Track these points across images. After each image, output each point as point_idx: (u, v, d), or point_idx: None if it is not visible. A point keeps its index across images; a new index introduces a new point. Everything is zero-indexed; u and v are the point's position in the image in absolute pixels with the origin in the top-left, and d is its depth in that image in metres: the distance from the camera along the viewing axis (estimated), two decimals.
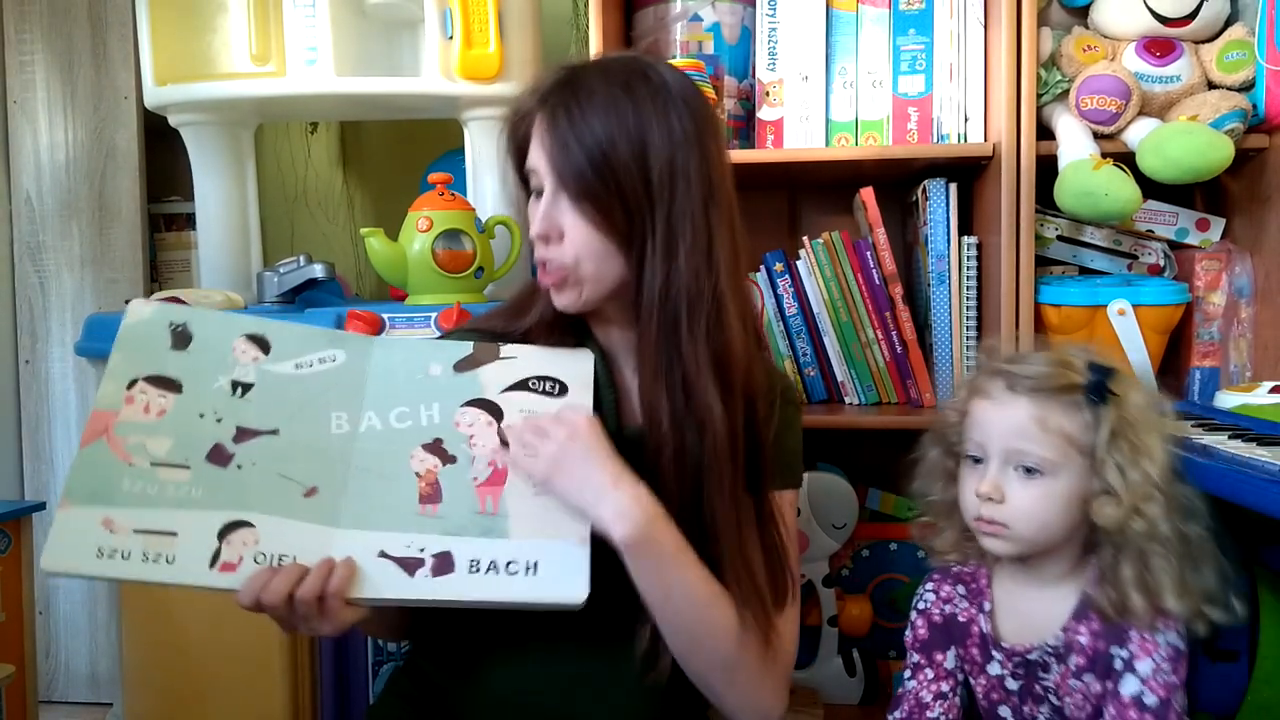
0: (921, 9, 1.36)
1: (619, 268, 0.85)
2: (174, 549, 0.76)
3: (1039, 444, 0.85)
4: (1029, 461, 0.85)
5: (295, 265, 1.44)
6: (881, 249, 1.37)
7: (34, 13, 1.83)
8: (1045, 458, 0.85)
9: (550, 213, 0.85)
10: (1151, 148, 1.23)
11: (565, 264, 0.85)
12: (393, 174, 1.95)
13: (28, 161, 1.85)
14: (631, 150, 0.81)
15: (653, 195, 0.82)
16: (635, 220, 0.83)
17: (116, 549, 0.75)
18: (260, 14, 1.42)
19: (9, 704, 1.31)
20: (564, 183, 0.83)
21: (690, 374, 0.83)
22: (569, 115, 0.82)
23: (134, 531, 0.76)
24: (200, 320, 0.88)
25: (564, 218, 0.84)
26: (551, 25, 1.67)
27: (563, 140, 0.82)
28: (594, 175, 0.81)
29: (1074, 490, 0.85)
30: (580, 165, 0.81)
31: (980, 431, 0.89)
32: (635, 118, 0.82)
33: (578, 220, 0.84)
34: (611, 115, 0.81)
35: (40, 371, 1.87)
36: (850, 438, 1.51)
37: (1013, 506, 0.86)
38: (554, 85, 0.85)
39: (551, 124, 0.83)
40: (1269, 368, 1.31)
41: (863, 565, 1.51)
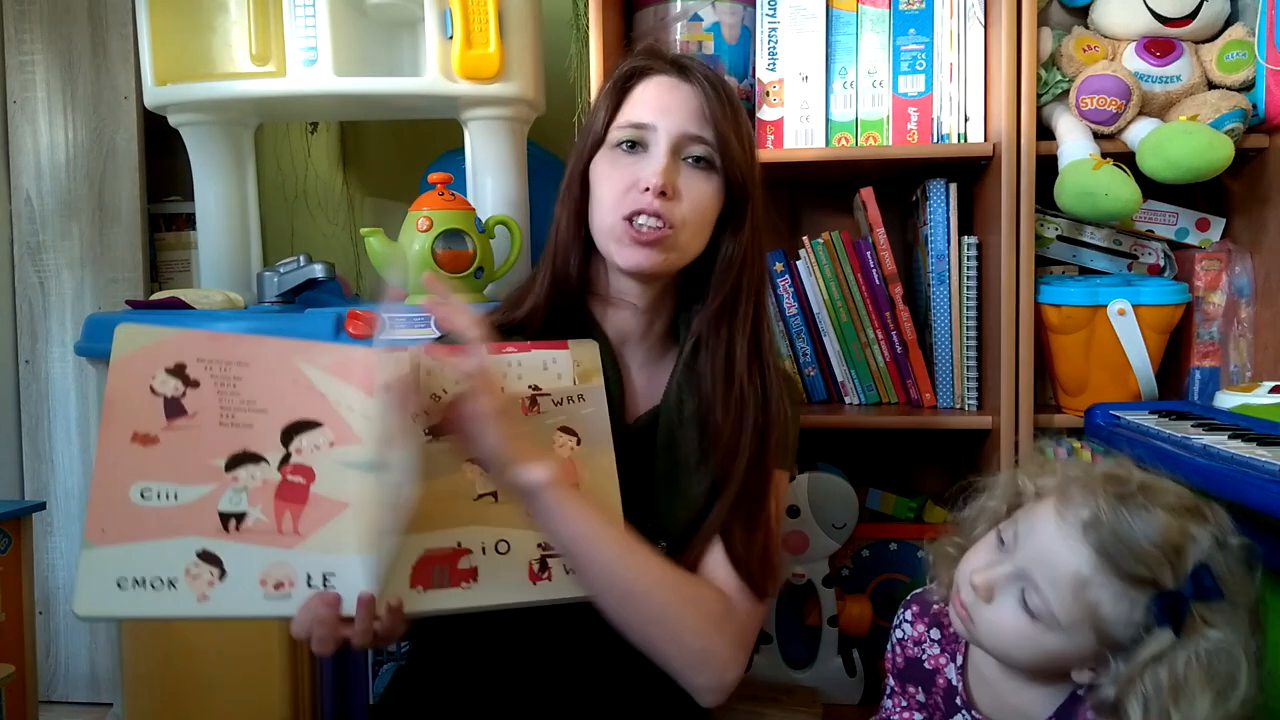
0: (921, 9, 1.36)
1: (704, 244, 0.92)
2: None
3: (1059, 600, 0.70)
4: (1034, 602, 0.72)
5: (295, 265, 1.44)
6: (881, 249, 1.37)
7: (34, 13, 1.83)
8: (1053, 614, 0.70)
9: (671, 171, 0.88)
10: (1151, 148, 1.23)
11: (674, 222, 0.88)
12: (393, 174, 1.95)
13: (28, 161, 1.85)
14: (739, 135, 0.90)
15: (745, 180, 0.91)
16: (730, 201, 0.92)
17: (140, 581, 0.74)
18: (260, 14, 1.42)
19: (9, 704, 1.31)
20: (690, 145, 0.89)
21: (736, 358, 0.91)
22: (700, 86, 0.89)
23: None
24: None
25: (683, 181, 0.89)
26: (551, 25, 1.67)
27: (695, 106, 0.89)
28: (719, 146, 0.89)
29: (1062, 654, 0.72)
30: (709, 134, 0.89)
31: (1026, 529, 0.75)
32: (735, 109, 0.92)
33: (697, 185, 0.89)
34: (726, 99, 0.90)
35: (40, 371, 1.87)
36: (850, 438, 1.51)
37: (992, 617, 0.74)
38: (670, 57, 0.93)
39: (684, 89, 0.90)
40: (1269, 368, 1.31)
41: (863, 565, 1.51)
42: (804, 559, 1.42)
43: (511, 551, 0.82)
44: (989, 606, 0.74)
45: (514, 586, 0.81)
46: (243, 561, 0.75)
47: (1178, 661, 0.67)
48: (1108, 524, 0.69)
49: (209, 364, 0.81)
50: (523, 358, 0.91)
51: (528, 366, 0.91)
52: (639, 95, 0.91)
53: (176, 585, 0.73)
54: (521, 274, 1.54)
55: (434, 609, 0.80)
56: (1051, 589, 0.70)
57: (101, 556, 0.73)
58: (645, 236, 0.87)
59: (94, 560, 0.73)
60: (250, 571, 0.75)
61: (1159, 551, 0.68)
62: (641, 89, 0.91)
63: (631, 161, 0.89)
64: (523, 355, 0.91)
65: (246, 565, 0.75)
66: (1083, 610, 0.69)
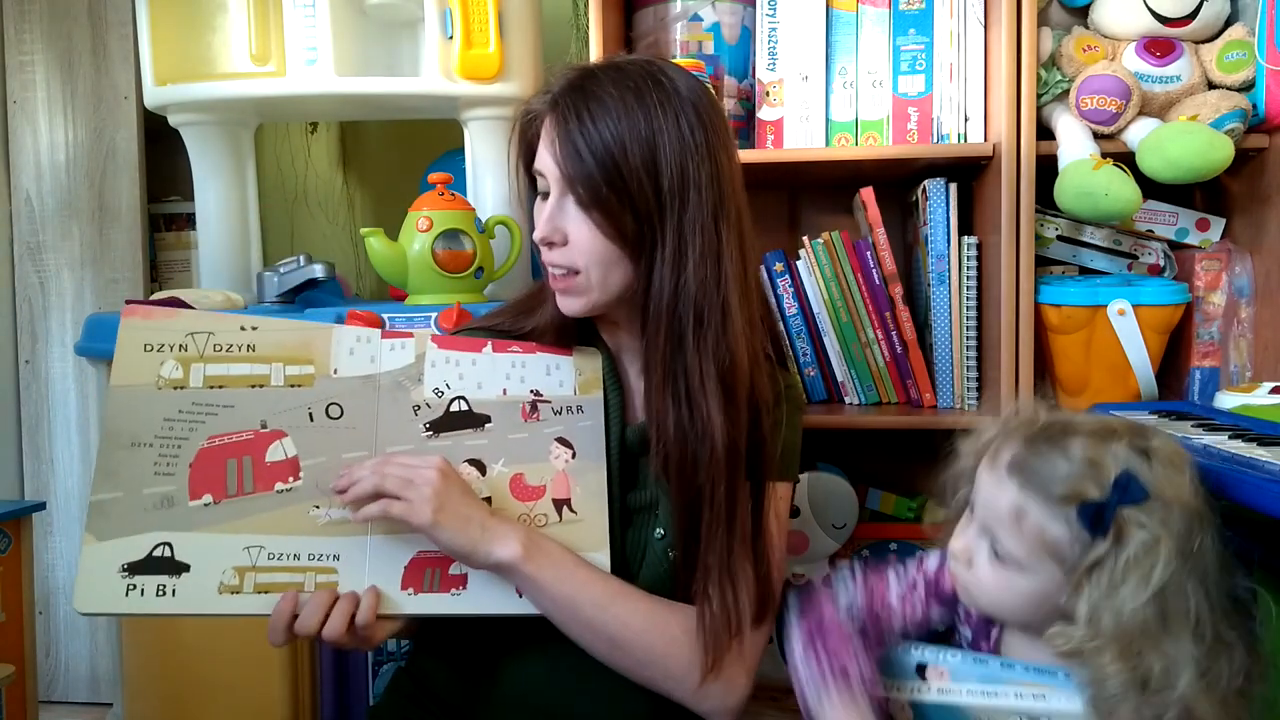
0: (921, 9, 1.36)
1: (626, 274, 0.85)
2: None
3: (1011, 537, 0.75)
4: (999, 549, 0.76)
5: (295, 265, 1.44)
6: (881, 249, 1.37)
7: (34, 13, 1.83)
8: (1012, 554, 0.75)
9: (555, 217, 0.84)
10: (1151, 148, 1.23)
11: (572, 267, 0.85)
12: (393, 174, 1.95)
13: (28, 161, 1.85)
14: (643, 157, 0.80)
15: (663, 203, 0.81)
16: (645, 228, 0.82)
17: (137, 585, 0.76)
18: (260, 14, 1.42)
19: (9, 704, 1.31)
20: (573, 188, 0.82)
21: (694, 386, 0.82)
22: (580, 120, 0.81)
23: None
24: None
25: (569, 223, 0.84)
26: (551, 25, 1.67)
27: (573, 145, 0.81)
28: (604, 182, 0.80)
29: (1042, 593, 0.75)
30: (590, 171, 0.80)
31: (975, 488, 0.81)
32: (647, 124, 0.81)
33: (585, 226, 0.83)
34: (623, 121, 0.80)
35: (40, 371, 1.87)
36: (850, 438, 1.51)
37: (976, 577, 0.78)
38: (565, 87, 0.84)
39: (562, 128, 0.82)
40: (1269, 368, 1.31)
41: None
42: (804, 559, 1.42)
43: None
44: (972, 570, 0.79)
45: (501, 597, 0.81)
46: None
47: (1117, 564, 0.71)
48: (1026, 456, 0.75)
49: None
50: (527, 359, 0.91)
51: (531, 369, 0.91)
52: (540, 136, 0.86)
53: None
54: (522, 274, 1.54)
55: (421, 612, 0.80)
56: (1003, 530, 0.75)
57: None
58: (559, 284, 0.87)
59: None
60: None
61: (1077, 467, 0.73)
62: (541, 130, 0.86)
63: (539, 209, 0.87)
64: (527, 357, 0.91)
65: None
66: (1032, 540, 0.74)
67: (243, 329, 0.86)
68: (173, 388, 0.83)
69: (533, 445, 0.87)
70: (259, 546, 0.78)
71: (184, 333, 0.85)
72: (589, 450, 0.89)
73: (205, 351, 0.85)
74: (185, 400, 0.82)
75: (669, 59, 1.07)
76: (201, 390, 0.83)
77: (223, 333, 0.86)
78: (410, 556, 0.81)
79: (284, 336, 0.87)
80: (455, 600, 0.80)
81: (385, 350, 0.89)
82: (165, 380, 0.83)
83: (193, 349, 0.84)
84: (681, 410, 0.83)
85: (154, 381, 0.83)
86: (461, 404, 0.88)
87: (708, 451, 0.82)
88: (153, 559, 0.77)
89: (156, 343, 0.84)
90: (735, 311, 0.84)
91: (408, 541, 0.81)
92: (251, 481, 0.81)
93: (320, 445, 0.83)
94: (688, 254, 0.82)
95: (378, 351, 0.89)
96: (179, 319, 0.86)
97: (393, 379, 0.88)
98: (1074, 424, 0.78)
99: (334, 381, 0.86)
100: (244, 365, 0.85)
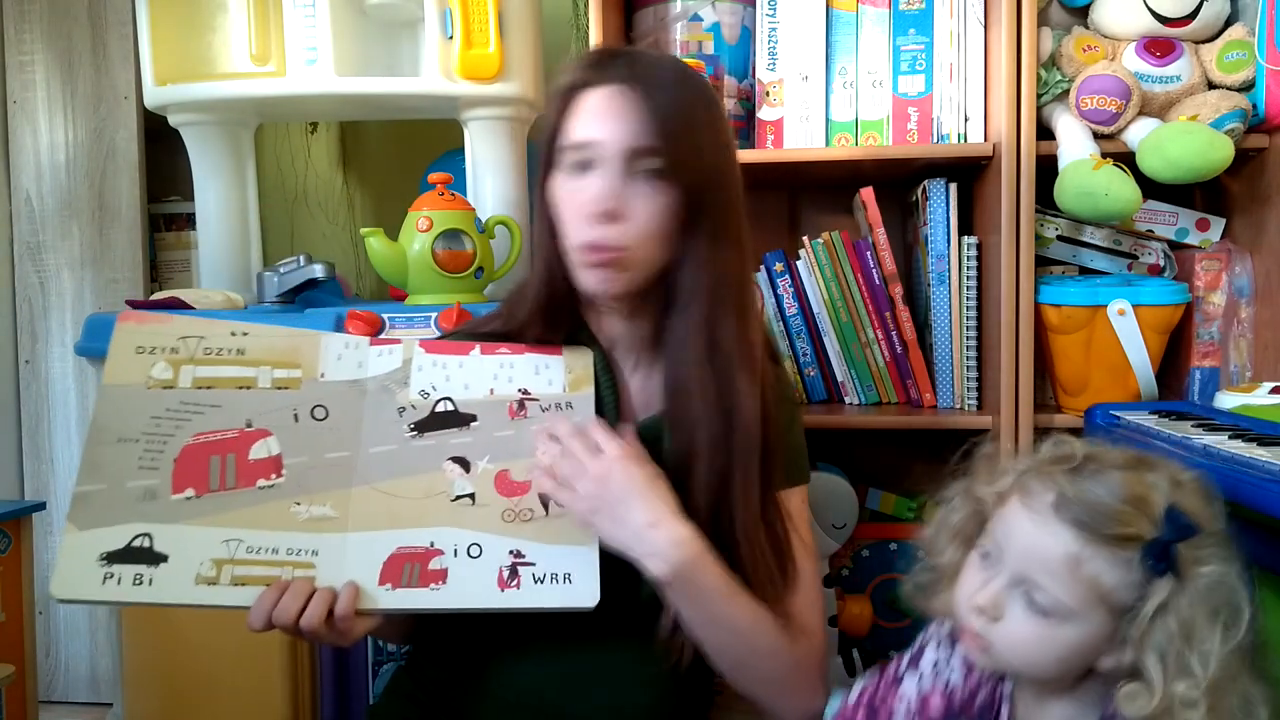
0: (921, 9, 1.36)
1: (662, 256, 0.85)
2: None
3: (1061, 587, 0.69)
4: (1040, 598, 0.70)
5: (295, 265, 1.44)
6: (881, 249, 1.37)
7: (34, 13, 1.83)
8: (1061, 602, 0.69)
9: (618, 189, 0.82)
10: (1151, 148, 1.23)
11: (624, 245, 0.83)
12: (393, 174, 1.95)
13: (28, 161, 1.85)
14: (696, 139, 0.83)
15: (707, 184, 0.84)
16: (693, 207, 0.84)
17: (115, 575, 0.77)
18: (260, 14, 1.42)
19: (9, 704, 1.31)
20: (639, 158, 0.82)
21: (726, 361, 0.85)
22: (649, 92, 0.82)
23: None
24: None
25: (633, 197, 0.83)
26: (551, 25, 1.67)
27: (642, 116, 0.81)
28: (672, 154, 0.82)
29: (1083, 642, 0.70)
30: (658, 144, 0.81)
31: (1004, 534, 0.74)
32: (702, 104, 0.85)
33: (649, 200, 0.83)
34: (683, 103, 0.83)
35: (40, 371, 1.87)
36: (850, 438, 1.51)
37: (1005, 631, 0.72)
38: (619, 62, 0.85)
39: (630, 98, 0.82)
40: (1269, 368, 1.31)
41: (863, 565, 1.51)
42: None
43: (483, 556, 0.82)
44: (1000, 624, 0.72)
45: (481, 592, 0.81)
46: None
47: (1182, 605, 0.67)
48: (1074, 498, 0.70)
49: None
50: (515, 360, 0.91)
51: (519, 369, 0.91)
52: (584, 108, 0.84)
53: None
54: (522, 274, 1.54)
55: (400, 608, 0.80)
56: (1051, 579, 0.69)
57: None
58: (603, 258, 0.84)
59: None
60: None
61: (1128, 506, 0.69)
62: (586, 101, 0.84)
63: (581, 184, 0.83)
64: (515, 358, 0.91)
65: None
66: (1086, 588, 0.69)
67: (233, 334, 0.88)
68: (162, 387, 0.84)
69: (518, 442, 0.87)
70: (238, 540, 0.79)
71: (176, 336, 0.87)
72: None
73: (196, 354, 0.86)
74: (173, 399, 0.84)
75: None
76: (190, 390, 0.85)
77: (213, 337, 0.87)
78: (389, 552, 0.81)
79: (273, 342, 0.89)
80: (434, 595, 0.80)
81: (373, 356, 0.90)
82: (155, 380, 0.84)
83: (183, 352, 0.86)
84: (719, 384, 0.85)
85: (144, 381, 0.84)
86: (447, 404, 0.89)
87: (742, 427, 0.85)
88: (132, 549, 0.78)
89: (149, 345, 0.86)
90: (751, 294, 0.89)
91: (387, 537, 0.81)
92: (234, 477, 0.82)
93: (304, 445, 0.84)
94: (725, 233, 0.85)
95: (365, 357, 0.90)
96: (172, 324, 0.87)
97: (379, 383, 0.89)
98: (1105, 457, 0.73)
99: (320, 385, 0.88)
100: (233, 368, 0.86)
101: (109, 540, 0.77)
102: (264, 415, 0.85)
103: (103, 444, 0.81)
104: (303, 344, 0.89)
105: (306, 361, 0.88)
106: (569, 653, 0.89)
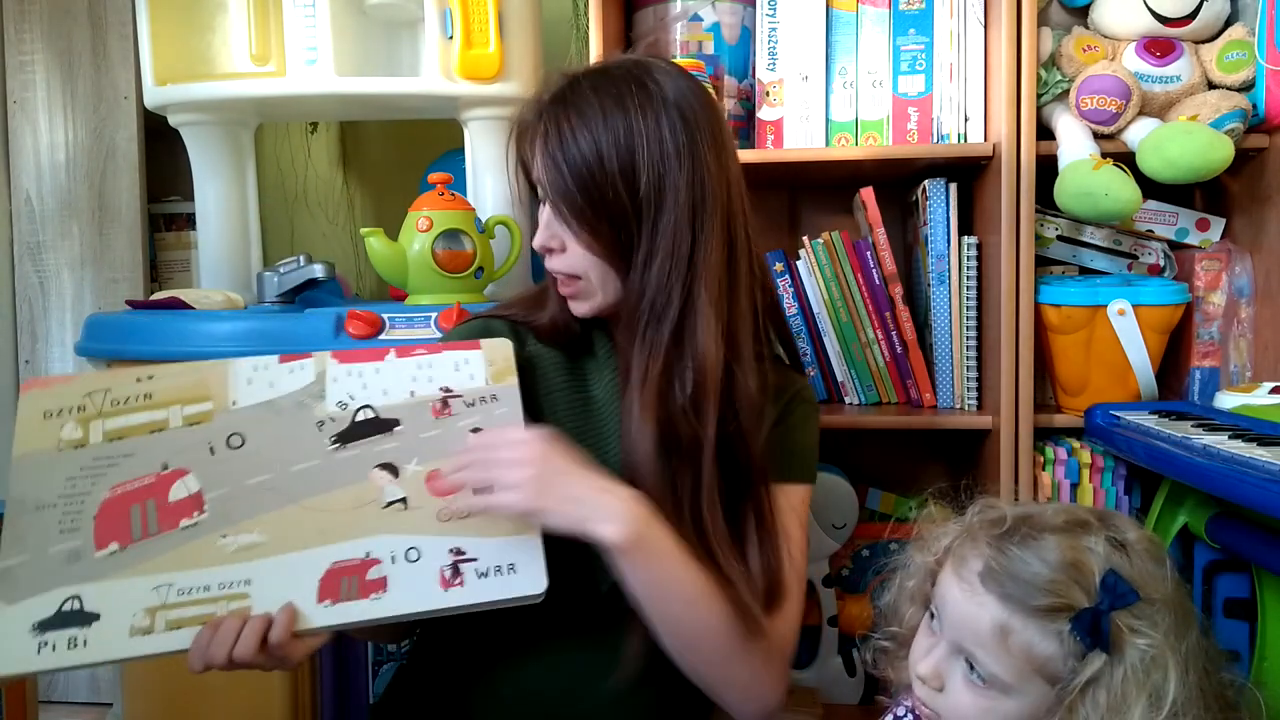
0: (921, 9, 1.36)
1: (618, 278, 0.87)
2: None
3: (993, 658, 0.68)
4: (979, 669, 0.69)
5: (295, 265, 1.44)
6: (881, 249, 1.37)
7: (34, 13, 1.83)
8: (996, 675, 0.68)
9: (550, 224, 0.87)
10: (1151, 148, 1.23)
11: (573, 273, 0.87)
12: (393, 174, 1.95)
13: (28, 161, 1.85)
14: (620, 164, 0.82)
15: (640, 209, 0.83)
16: (623, 234, 0.84)
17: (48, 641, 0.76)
18: (260, 14, 1.42)
19: (9, 704, 1.31)
20: (557, 200, 0.85)
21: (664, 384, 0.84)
22: (560, 134, 0.84)
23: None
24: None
25: (564, 231, 0.86)
26: (551, 25, 1.67)
27: (554, 159, 0.84)
28: (581, 194, 0.83)
29: (1027, 714, 0.68)
30: (569, 185, 0.83)
31: (940, 602, 0.73)
32: (625, 129, 0.83)
33: (575, 235, 0.86)
34: (601, 130, 0.83)
35: (40, 371, 1.87)
36: (850, 438, 1.51)
37: (950, 704, 0.71)
38: (550, 99, 0.86)
39: (543, 143, 0.85)
40: (1269, 368, 1.31)
41: (863, 565, 1.51)
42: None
43: (422, 559, 0.81)
44: (943, 695, 0.71)
45: (424, 594, 0.80)
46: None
47: (1115, 678, 0.65)
48: (999, 569, 0.68)
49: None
50: (433, 359, 0.91)
51: (439, 368, 0.90)
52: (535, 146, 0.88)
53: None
54: (522, 274, 1.54)
55: (342, 622, 0.79)
56: (983, 651, 0.68)
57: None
58: (565, 289, 0.89)
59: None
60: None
61: (1060, 574, 0.67)
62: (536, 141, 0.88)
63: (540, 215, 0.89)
64: (433, 357, 0.91)
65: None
66: (1019, 659, 0.67)
67: (138, 380, 0.86)
68: (73, 447, 0.83)
69: (446, 440, 0.86)
70: (168, 584, 0.78)
71: (81, 394, 0.85)
72: None
73: (103, 408, 0.85)
74: (86, 457, 0.82)
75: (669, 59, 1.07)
76: (101, 445, 0.83)
77: (119, 386, 0.86)
78: (325, 568, 0.80)
79: (179, 379, 0.87)
80: (375, 605, 0.79)
81: (284, 374, 0.89)
82: (65, 441, 0.83)
83: (90, 408, 0.85)
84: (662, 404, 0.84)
85: (55, 445, 0.83)
86: (367, 412, 0.87)
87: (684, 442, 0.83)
88: (62, 614, 0.76)
89: (55, 408, 0.84)
90: (704, 308, 0.84)
91: (320, 554, 0.80)
92: (156, 523, 0.80)
93: (223, 476, 0.83)
94: (656, 255, 0.84)
95: (276, 377, 0.89)
96: (75, 382, 0.86)
97: (293, 400, 0.87)
98: (1040, 519, 0.71)
99: (233, 413, 0.86)
100: (142, 414, 0.85)
101: (38, 610, 0.76)
102: (179, 454, 0.83)
103: (21, 515, 0.79)
104: (209, 375, 0.88)
105: (216, 392, 0.87)
106: (570, 652, 0.89)
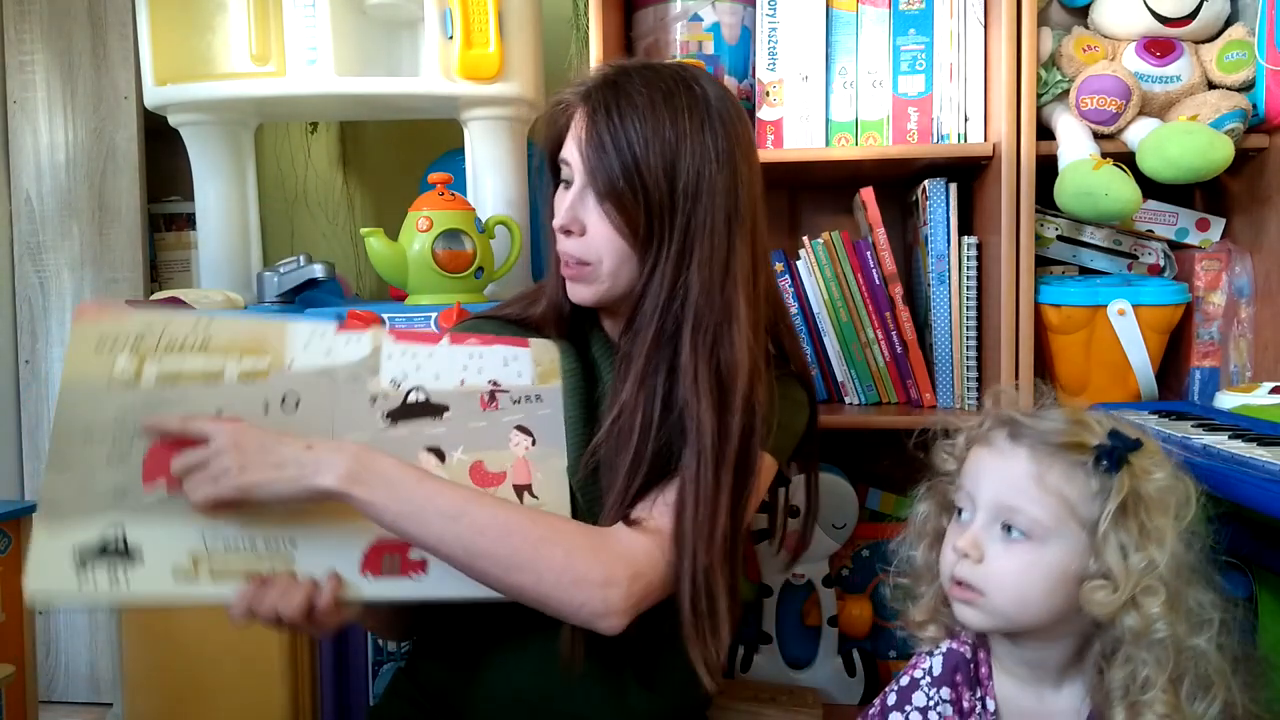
0: (921, 9, 1.36)
1: (634, 270, 0.87)
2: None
3: (1032, 503, 0.75)
4: (1018, 522, 0.76)
5: (295, 265, 1.44)
6: (881, 249, 1.37)
7: (34, 13, 1.83)
8: (1037, 519, 0.75)
9: (575, 207, 0.87)
10: (1152, 148, 1.23)
11: (585, 258, 0.87)
12: (393, 174, 1.95)
13: (28, 161, 1.85)
14: (663, 158, 0.83)
15: (676, 205, 0.84)
16: (655, 226, 0.84)
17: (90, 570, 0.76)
18: (260, 14, 1.42)
19: (9, 704, 1.31)
20: (593, 181, 0.85)
21: (685, 385, 0.83)
22: (609, 116, 0.84)
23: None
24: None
25: (588, 214, 0.86)
26: (551, 25, 1.67)
27: (599, 140, 0.84)
28: (623, 178, 0.83)
29: (1064, 565, 0.75)
30: (611, 167, 0.83)
31: (972, 480, 0.80)
32: (672, 127, 0.84)
33: (602, 219, 0.86)
34: (649, 123, 0.83)
35: (40, 371, 1.87)
36: (850, 438, 1.51)
37: (991, 570, 0.77)
38: (600, 83, 0.87)
39: (591, 122, 0.85)
40: (1269, 368, 1.31)
41: (863, 565, 1.51)
42: (804, 559, 1.41)
43: None
44: (984, 566, 0.77)
45: (461, 581, 0.80)
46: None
47: (1136, 506, 0.74)
48: (1024, 425, 0.78)
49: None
50: (484, 351, 0.91)
51: (488, 360, 0.91)
52: (570, 127, 0.88)
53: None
54: (521, 274, 1.54)
55: (381, 597, 0.80)
56: (1023, 498, 0.76)
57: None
58: (571, 271, 0.89)
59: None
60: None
61: (1072, 425, 0.78)
62: (572, 120, 0.88)
63: (560, 198, 0.89)
64: (484, 349, 0.91)
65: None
66: (1054, 501, 0.75)
67: (196, 323, 0.85)
68: (124, 384, 0.81)
69: (492, 433, 0.88)
70: (213, 533, 0.78)
71: (135, 330, 0.83)
72: (548, 438, 0.90)
73: (157, 347, 0.83)
74: (138, 397, 0.81)
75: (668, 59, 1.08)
76: (155, 388, 0.81)
77: (174, 327, 0.84)
78: (370, 542, 0.81)
79: (237, 330, 0.85)
80: (415, 585, 0.80)
81: (341, 344, 0.88)
82: (117, 377, 0.81)
83: (145, 346, 0.82)
84: (654, 406, 0.84)
85: (106, 378, 0.81)
86: (419, 394, 0.88)
87: (696, 450, 0.83)
88: (106, 546, 0.76)
89: (109, 340, 0.82)
90: (740, 315, 0.85)
91: (368, 527, 0.80)
92: None
93: None
94: (693, 256, 0.84)
95: (332, 345, 0.88)
96: (130, 316, 0.83)
97: (349, 371, 0.87)
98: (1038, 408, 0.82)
99: (289, 375, 0.85)
100: (198, 359, 0.83)
101: (81, 534, 0.75)
102: (233, 407, 0.82)
103: (70, 443, 0.78)
104: (268, 332, 0.86)
105: (274, 350, 0.85)
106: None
